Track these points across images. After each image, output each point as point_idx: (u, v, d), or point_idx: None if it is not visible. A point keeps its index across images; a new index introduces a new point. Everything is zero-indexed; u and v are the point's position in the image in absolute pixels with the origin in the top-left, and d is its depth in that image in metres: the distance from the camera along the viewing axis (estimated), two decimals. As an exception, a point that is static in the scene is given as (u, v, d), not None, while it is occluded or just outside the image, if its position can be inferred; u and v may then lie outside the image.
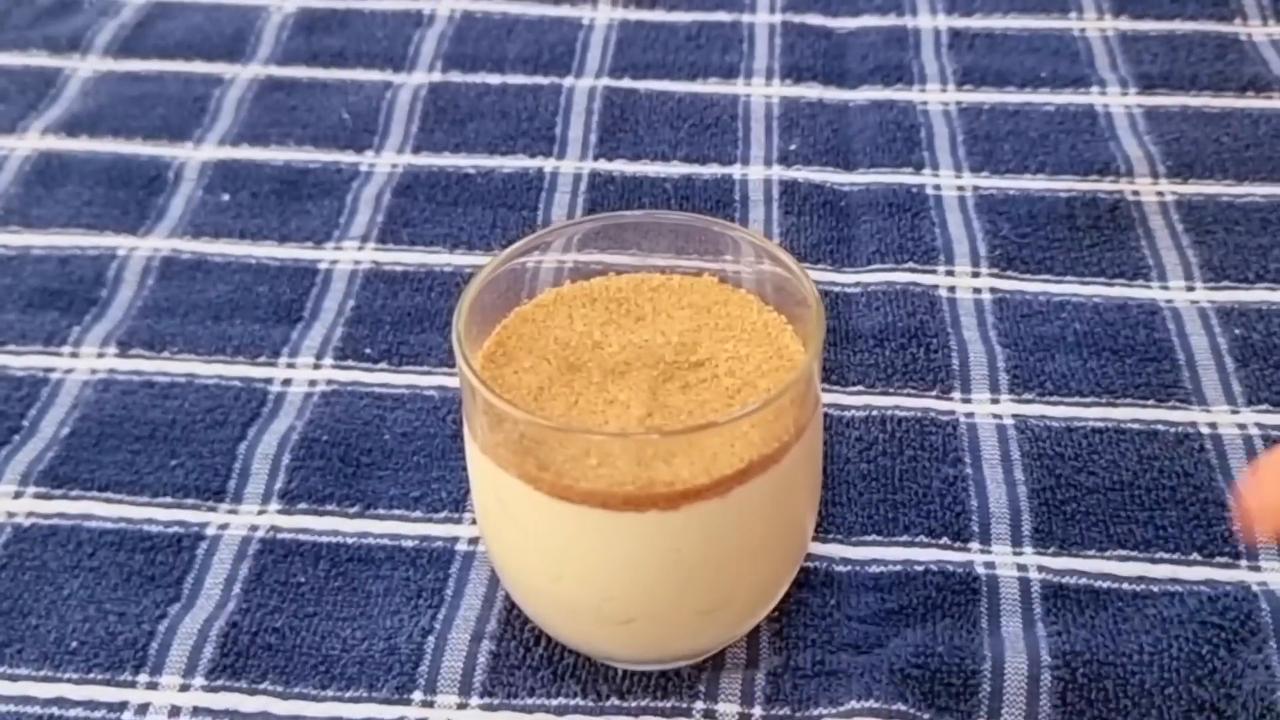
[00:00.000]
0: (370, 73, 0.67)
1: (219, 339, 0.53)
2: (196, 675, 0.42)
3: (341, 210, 0.59)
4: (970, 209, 0.59)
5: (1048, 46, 0.67)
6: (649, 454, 0.36)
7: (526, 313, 0.41)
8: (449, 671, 0.42)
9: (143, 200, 0.60)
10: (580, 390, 0.39)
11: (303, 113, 0.64)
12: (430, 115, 0.64)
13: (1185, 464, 0.48)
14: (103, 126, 0.64)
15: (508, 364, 0.40)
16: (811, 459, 0.40)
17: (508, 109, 0.64)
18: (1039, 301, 0.54)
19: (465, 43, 0.68)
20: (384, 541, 0.46)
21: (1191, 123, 0.63)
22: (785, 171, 0.60)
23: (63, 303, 0.55)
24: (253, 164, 0.62)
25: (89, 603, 0.44)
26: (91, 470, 0.49)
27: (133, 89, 0.66)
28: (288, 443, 0.49)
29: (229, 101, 0.65)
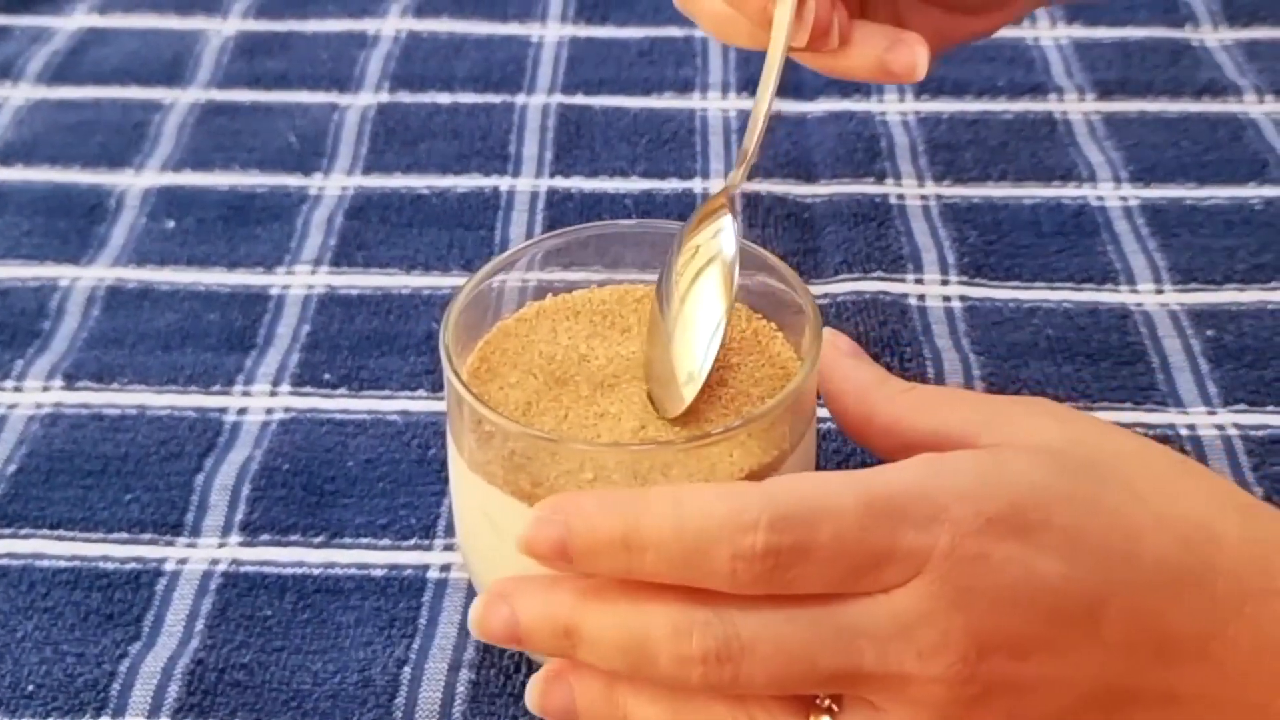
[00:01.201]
0: (315, 94, 0.67)
1: (170, 369, 0.53)
2: (161, 715, 0.41)
3: (292, 234, 0.59)
4: (935, 217, 0.59)
5: (1003, 55, 0.69)
6: (645, 466, 0.36)
7: (508, 327, 0.41)
8: (427, 702, 0.42)
9: (83, 229, 0.59)
10: (569, 404, 0.39)
11: (247, 136, 0.64)
12: (380, 136, 0.64)
13: (1163, 466, 0.49)
14: (38, 155, 0.63)
15: (492, 379, 0.39)
16: (810, 462, 0.40)
17: (460, 128, 0.64)
18: (1010, 308, 0.55)
19: (413, 62, 0.68)
20: (352, 571, 0.46)
21: (1150, 128, 0.64)
22: (747, 184, 0.61)
23: (4, 336, 0.54)
24: (197, 190, 0.61)
25: (45, 644, 0.43)
26: (41, 507, 0.48)
27: (68, 116, 0.65)
28: (247, 473, 0.49)
29: (169, 127, 0.65)
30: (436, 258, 0.57)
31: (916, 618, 0.33)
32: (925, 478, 0.34)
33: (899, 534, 0.33)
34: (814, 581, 0.33)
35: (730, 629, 0.33)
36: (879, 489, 0.33)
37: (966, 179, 0.62)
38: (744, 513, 0.32)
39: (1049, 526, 0.34)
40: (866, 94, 0.66)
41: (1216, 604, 0.34)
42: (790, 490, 0.33)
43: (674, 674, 0.34)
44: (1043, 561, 0.33)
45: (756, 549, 0.32)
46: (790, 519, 0.32)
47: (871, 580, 0.33)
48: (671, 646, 0.33)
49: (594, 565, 0.34)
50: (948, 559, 0.33)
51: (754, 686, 0.33)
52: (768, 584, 0.33)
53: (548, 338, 0.41)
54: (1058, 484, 0.34)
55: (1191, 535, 0.35)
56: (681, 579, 0.33)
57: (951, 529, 0.33)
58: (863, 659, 0.33)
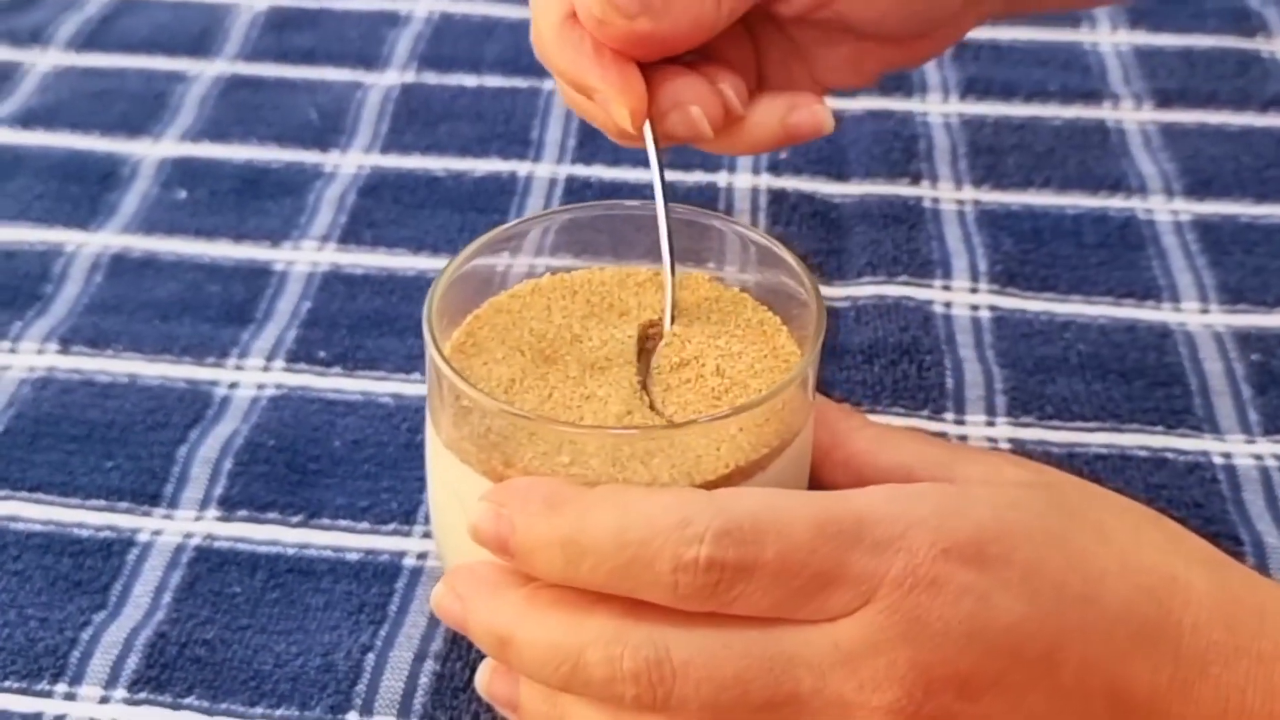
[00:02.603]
0: (341, 72, 0.67)
1: (165, 339, 0.53)
2: (118, 687, 0.42)
3: (303, 210, 0.59)
4: (970, 223, 0.58)
5: (1057, 59, 0.67)
6: (626, 453, 0.35)
7: (501, 303, 0.41)
8: (388, 691, 0.42)
9: (95, 196, 0.60)
10: (555, 385, 0.38)
11: (268, 111, 0.65)
12: (401, 116, 0.64)
13: (1195, 494, 0.48)
14: (59, 121, 0.64)
15: (478, 355, 0.39)
16: (801, 469, 0.39)
17: (483, 111, 0.64)
18: (1041, 321, 0.54)
19: (442, 43, 0.69)
20: (326, 553, 0.46)
21: (1209, 140, 0.63)
22: (774, 180, 0.60)
23: (4, 298, 0.55)
24: (213, 161, 0.62)
25: (10, 607, 0.44)
26: (23, 470, 0.48)
27: (93, 84, 0.66)
28: (231, 447, 0.49)
29: (192, 98, 0.66)
30: (446, 240, 0.57)
31: (862, 647, 0.32)
32: (884, 504, 0.33)
33: (849, 558, 0.32)
34: (758, 601, 0.32)
35: (662, 651, 0.32)
36: (833, 511, 0.33)
37: (1007, 185, 0.60)
38: (689, 524, 0.32)
39: (1009, 562, 0.33)
40: (909, 93, 0.65)
41: (1180, 661, 0.33)
42: (740, 503, 0.32)
43: (606, 694, 0.33)
44: (1000, 597, 0.32)
45: (700, 562, 0.31)
46: (736, 533, 0.32)
47: (818, 605, 0.32)
48: (603, 666, 0.33)
49: (532, 566, 0.34)
50: (899, 588, 0.32)
51: (687, 712, 0.33)
52: (709, 600, 0.32)
53: (541, 315, 0.40)
54: (1021, 519, 0.34)
55: (1157, 586, 0.34)
56: (620, 589, 0.33)
57: (906, 556, 0.32)
58: (799, 688, 0.32)
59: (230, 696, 0.42)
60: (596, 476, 0.35)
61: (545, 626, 0.33)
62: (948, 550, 0.32)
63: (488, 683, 0.38)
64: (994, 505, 0.34)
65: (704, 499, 0.32)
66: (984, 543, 0.32)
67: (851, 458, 0.38)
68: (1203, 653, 0.33)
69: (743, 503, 0.32)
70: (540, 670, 0.34)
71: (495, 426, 0.36)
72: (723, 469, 0.35)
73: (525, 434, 0.36)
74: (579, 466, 0.35)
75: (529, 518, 0.33)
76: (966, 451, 0.39)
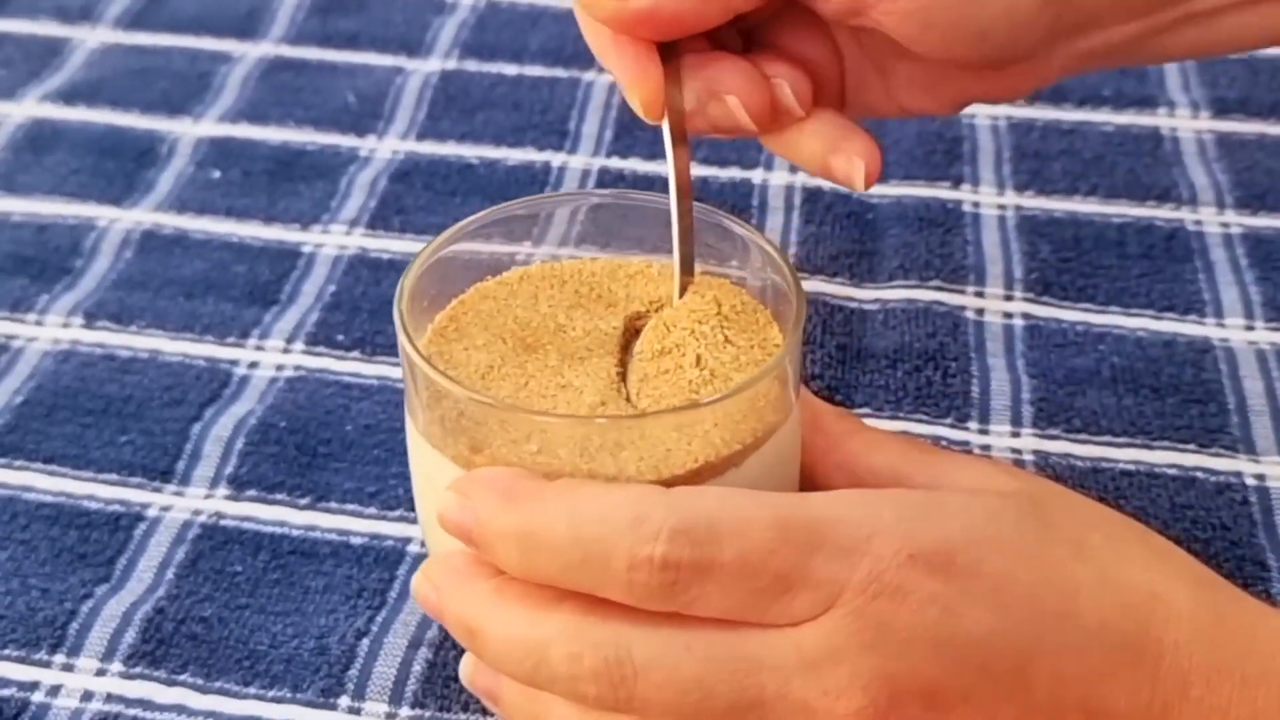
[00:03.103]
0: (383, 57, 0.68)
1: (188, 316, 0.54)
2: (114, 660, 0.42)
3: (334, 194, 0.60)
4: (1010, 228, 0.57)
5: (1114, 64, 0.66)
6: (595, 444, 0.35)
7: (487, 289, 0.41)
8: (380, 677, 0.42)
9: (131, 173, 0.61)
10: (533, 373, 0.38)
11: (308, 94, 0.65)
12: (439, 103, 0.64)
13: (1224, 516, 0.46)
14: (101, 97, 0.65)
15: (458, 340, 0.39)
16: (781, 468, 0.38)
17: (521, 100, 0.64)
18: (1075, 331, 0.53)
19: (486, 31, 0.69)
20: (331, 536, 0.46)
21: (1268, 152, 0.61)
22: (811, 179, 0.60)
23: (34, 270, 0.56)
24: (249, 142, 0.62)
25: (14, 576, 0.45)
26: (38, 441, 0.49)
27: (137, 62, 0.67)
28: (244, 427, 0.49)
29: (234, 79, 0.66)
30: (475, 229, 0.57)
31: (825, 653, 0.31)
32: (850, 507, 0.33)
33: (811, 561, 0.31)
34: (717, 603, 0.32)
35: (624, 651, 0.32)
36: (796, 512, 0.32)
37: (1051, 191, 0.59)
38: (645, 521, 0.31)
39: (978, 573, 0.32)
40: (957, 95, 0.64)
41: (1159, 682, 0.32)
42: (698, 502, 0.32)
43: (569, 691, 0.33)
44: (969, 608, 0.32)
45: (654, 560, 0.31)
46: (693, 532, 0.31)
47: (780, 609, 0.32)
48: (566, 663, 0.32)
49: (494, 558, 0.34)
50: (863, 593, 0.31)
51: (649, 713, 0.32)
52: (667, 600, 0.32)
53: (527, 304, 0.40)
54: (994, 529, 0.33)
55: (1136, 603, 0.33)
56: (577, 585, 0.33)
57: (871, 562, 0.32)
58: (763, 693, 0.32)
59: (224, 675, 0.42)
60: (563, 466, 0.34)
61: (511, 620, 0.33)
62: (914, 557, 0.32)
63: (471, 674, 0.38)
64: (967, 513, 0.33)
65: (660, 496, 0.32)
66: (953, 551, 0.32)
67: (845, 460, 0.38)
68: (1184, 674, 0.32)
69: (701, 501, 0.32)
70: (506, 664, 0.34)
71: (467, 412, 0.36)
72: (692, 464, 0.35)
73: (496, 421, 0.35)
74: (546, 455, 0.34)
75: (488, 509, 0.33)
76: (959, 458, 0.38)
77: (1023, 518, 0.34)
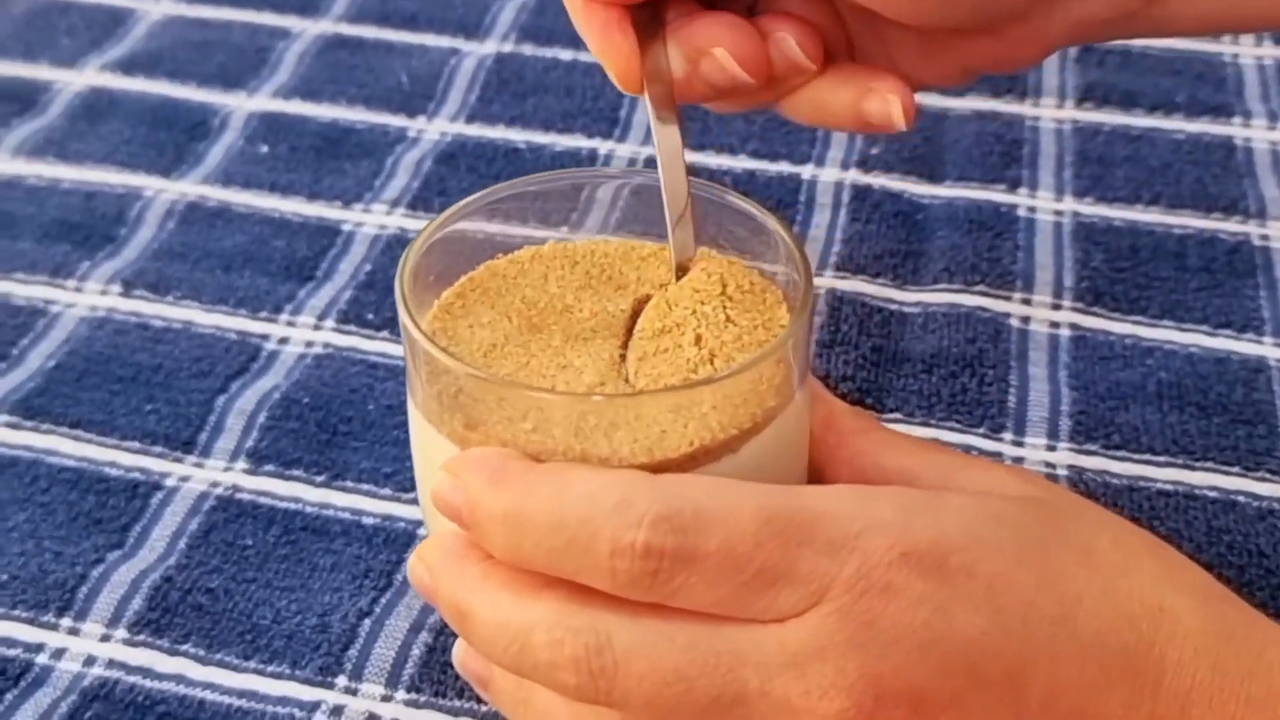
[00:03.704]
0: (440, 38, 0.68)
1: (224, 289, 0.55)
2: (119, 626, 0.43)
3: (379, 173, 0.60)
4: (1065, 235, 0.56)
5: (1190, 69, 0.64)
6: (590, 423, 0.35)
7: (498, 267, 0.41)
8: (378, 659, 0.42)
9: (181, 144, 0.62)
10: (535, 352, 0.38)
11: (361, 72, 0.66)
12: (492, 85, 0.65)
13: (1262, 543, 0.45)
14: (159, 69, 0.66)
15: (464, 316, 0.39)
16: (782, 459, 0.38)
17: (574, 86, 0.64)
18: (1124, 344, 0.52)
19: (545, 15, 0.69)
20: (344, 515, 0.46)
21: (1346, 167, 0.59)
22: (861, 176, 0.59)
23: (78, 237, 0.57)
24: (298, 118, 0.63)
25: (30, 538, 0.46)
26: (66, 406, 0.50)
27: (198, 34, 0.69)
28: (267, 401, 0.50)
29: (290, 55, 0.67)
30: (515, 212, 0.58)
31: (810, 651, 0.31)
32: (843, 502, 0.32)
33: (798, 555, 0.31)
34: (700, 595, 0.31)
35: (604, 640, 0.32)
36: (785, 505, 0.32)
37: (1112, 198, 0.58)
38: (628, 507, 0.31)
39: (973, 574, 0.31)
40: (1021, 95, 0.63)
41: (1160, 697, 0.31)
42: (684, 490, 0.32)
43: (550, 680, 0.33)
44: (961, 610, 0.31)
45: (636, 547, 0.31)
46: (676, 520, 0.31)
47: (765, 604, 0.31)
48: (547, 650, 0.32)
49: (483, 540, 0.33)
50: (850, 590, 0.31)
51: (630, 705, 0.32)
52: (649, 589, 0.31)
53: (536, 283, 0.40)
54: (992, 531, 0.32)
55: (1140, 615, 0.32)
56: (562, 570, 0.32)
57: (860, 558, 0.31)
58: (745, 689, 0.31)
59: (225, 647, 0.43)
60: (557, 446, 0.34)
61: (497, 604, 0.33)
62: (906, 555, 0.31)
63: (462, 658, 0.38)
64: (967, 514, 0.32)
65: (647, 482, 0.32)
66: (947, 551, 0.31)
67: (855, 457, 0.37)
68: (1185, 691, 0.31)
69: (688, 489, 0.32)
70: (491, 649, 0.34)
71: (465, 389, 0.36)
72: (686, 447, 0.34)
73: (494, 398, 0.35)
74: (541, 434, 0.34)
75: (477, 490, 0.33)
76: (973, 461, 0.37)
77: (1027, 521, 0.33)
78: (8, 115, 0.64)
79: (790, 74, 0.41)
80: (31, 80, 0.66)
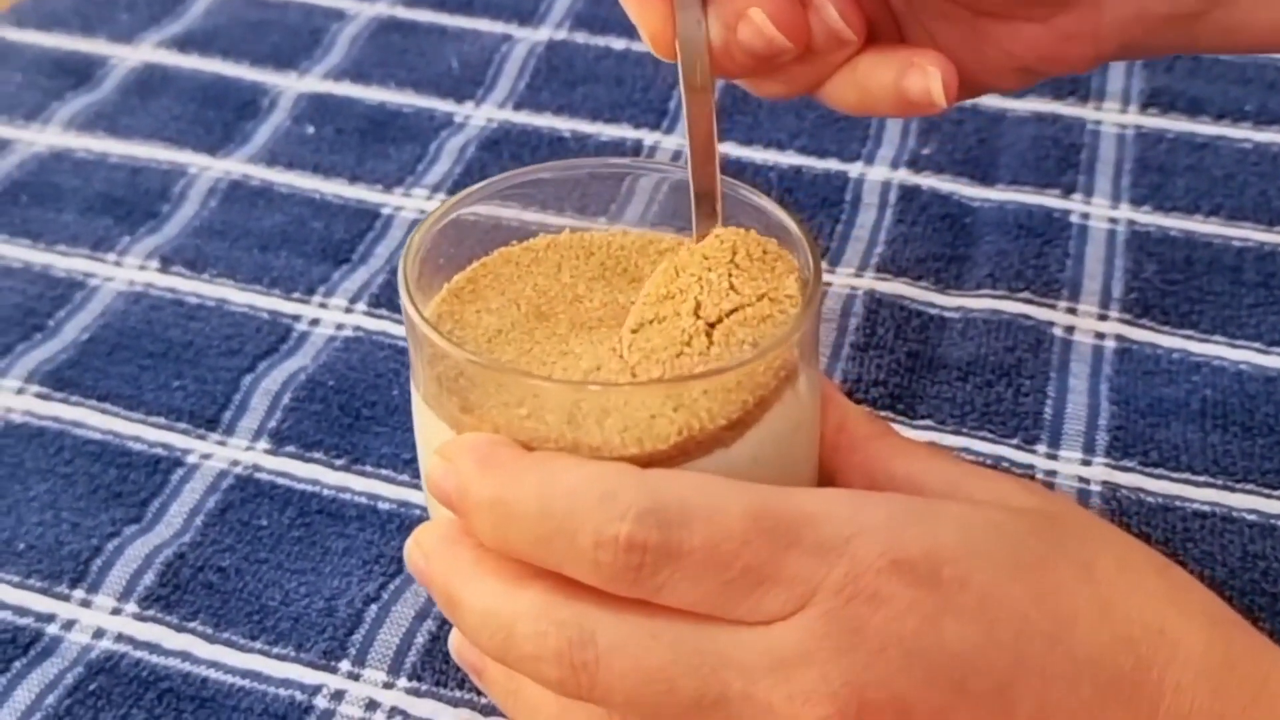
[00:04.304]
0: (495, 24, 0.68)
1: (260, 269, 0.55)
2: (130, 600, 0.44)
3: (422, 158, 0.60)
4: (1118, 244, 0.55)
5: (1262, 77, 0.63)
6: (583, 410, 0.34)
7: (511, 253, 0.41)
8: (382, 645, 0.42)
9: (230, 123, 0.63)
10: (540, 340, 0.38)
11: (413, 56, 0.66)
12: (541, 73, 0.65)
13: (1302, 571, 0.44)
14: (214, 47, 0.67)
15: (473, 301, 0.39)
16: (780, 454, 0.37)
17: (625, 75, 0.64)
18: (1171, 358, 0.50)
19: (601, 3, 0.69)
20: (360, 499, 0.47)
21: None
22: (911, 176, 0.58)
23: (121, 211, 0.58)
24: (346, 100, 0.64)
25: (49, 508, 0.46)
26: (96, 379, 0.51)
27: (255, 14, 0.70)
28: (293, 382, 0.51)
29: (344, 36, 0.68)
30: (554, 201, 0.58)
31: (795, 655, 0.31)
32: (837, 505, 0.32)
33: (786, 557, 0.31)
34: (684, 592, 0.31)
35: (588, 634, 0.32)
36: (775, 505, 0.31)
37: (1170, 208, 0.57)
38: (614, 498, 0.31)
39: (966, 586, 0.31)
40: (1084, 99, 0.62)
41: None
42: (671, 485, 0.31)
43: (533, 672, 0.33)
44: (951, 621, 0.31)
45: (620, 540, 0.31)
46: (661, 514, 0.31)
47: (751, 605, 0.31)
48: (531, 641, 0.32)
49: (472, 526, 0.34)
50: (839, 595, 0.30)
51: (612, 701, 0.32)
52: (633, 584, 0.31)
53: (549, 272, 0.40)
54: (989, 543, 0.31)
55: (1139, 637, 0.31)
56: (545, 560, 0.32)
57: (850, 563, 0.30)
58: (727, 690, 0.31)
59: (232, 626, 0.43)
60: (550, 432, 0.34)
61: (485, 592, 0.33)
62: (897, 562, 0.30)
63: (458, 646, 0.38)
64: (964, 523, 0.32)
65: (634, 476, 0.32)
66: (940, 561, 0.31)
67: (866, 462, 0.37)
68: (1184, 717, 0.30)
69: (675, 484, 0.31)
70: (478, 636, 0.34)
71: (466, 373, 0.36)
72: (676, 435, 0.34)
73: (493, 383, 0.35)
74: (534, 420, 0.34)
75: (467, 476, 0.33)
76: (984, 473, 0.37)
77: (1027, 534, 0.33)
78: (63, 89, 0.65)
79: (830, 45, 0.40)
80: (88, 54, 0.67)
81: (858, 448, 0.38)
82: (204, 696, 0.41)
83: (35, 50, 0.67)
